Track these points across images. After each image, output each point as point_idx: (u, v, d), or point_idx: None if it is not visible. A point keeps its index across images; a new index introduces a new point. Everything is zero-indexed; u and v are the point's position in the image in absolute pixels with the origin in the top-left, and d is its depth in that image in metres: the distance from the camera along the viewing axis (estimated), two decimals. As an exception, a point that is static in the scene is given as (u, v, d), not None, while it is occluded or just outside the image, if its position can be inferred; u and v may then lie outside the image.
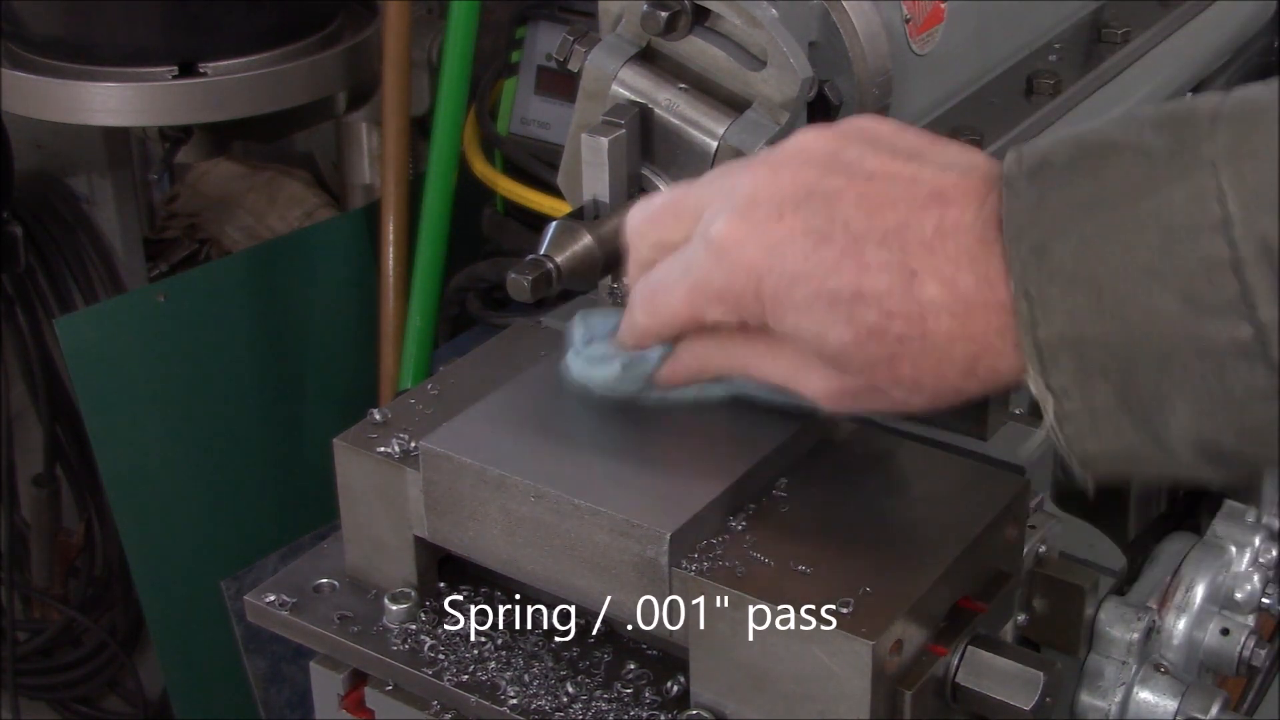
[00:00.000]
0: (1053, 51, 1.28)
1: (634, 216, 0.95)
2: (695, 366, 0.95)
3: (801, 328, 0.85)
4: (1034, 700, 0.93)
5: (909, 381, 0.85)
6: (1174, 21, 1.38)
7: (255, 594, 1.06)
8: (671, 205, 0.93)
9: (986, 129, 1.15)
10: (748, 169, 0.89)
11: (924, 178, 0.85)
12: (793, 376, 0.90)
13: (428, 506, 1.00)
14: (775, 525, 0.95)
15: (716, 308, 0.89)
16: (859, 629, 0.87)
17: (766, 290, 0.85)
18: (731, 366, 0.94)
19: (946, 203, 0.83)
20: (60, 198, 2.46)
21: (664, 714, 0.96)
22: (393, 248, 2.24)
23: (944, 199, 0.83)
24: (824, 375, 0.88)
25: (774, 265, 0.85)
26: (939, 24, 1.13)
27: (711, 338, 0.92)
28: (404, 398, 1.08)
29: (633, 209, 0.95)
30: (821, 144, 0.88)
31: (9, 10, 2.17)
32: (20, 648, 2.71)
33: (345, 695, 1.06)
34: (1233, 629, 1.20)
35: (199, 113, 2.20)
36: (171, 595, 2.37)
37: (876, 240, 0.83)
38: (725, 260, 0.87)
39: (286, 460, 2.44)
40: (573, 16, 2.10)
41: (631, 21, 1.04)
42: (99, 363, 2.23)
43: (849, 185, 0.85)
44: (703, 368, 0.95)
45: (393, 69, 2.19)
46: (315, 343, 2.47)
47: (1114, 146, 0.80)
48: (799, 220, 0.85)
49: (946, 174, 0.85)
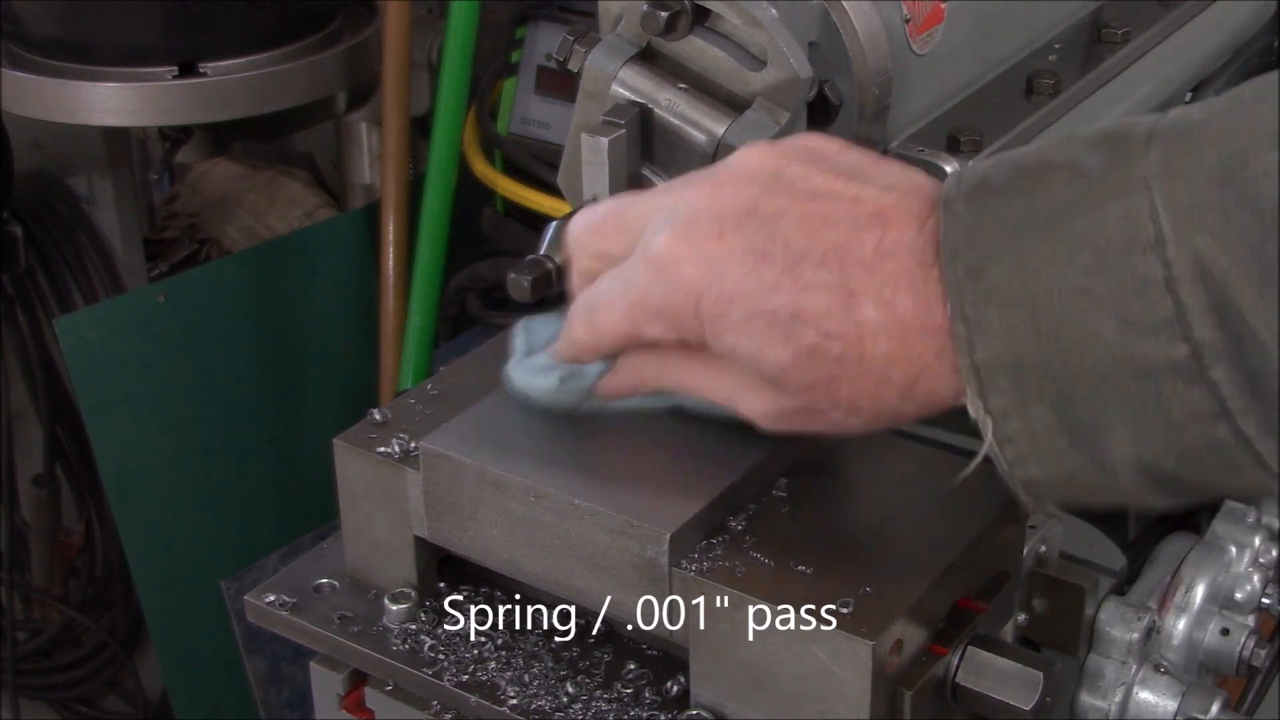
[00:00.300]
0: (1053, 51, 1.28)
1: (575, 226, 0.94)
2: (634, 381, 0.95)
3: (740, 347, 0.85)
4: (1034, 700, 0.93)
5: (846, 403, 0.84)
6: (1174, 21, 1.38)
7: (255, 594, 1.06)
8: (614, 216, 0.92)
9: (986, 129, 1.14)
10: (690, 185, 0.89)
11: (865, 197, 0.84)
12: (731, 395, 0.89)
13: (428, 506, 1.00)
14: (775, 525, 0.95)
15: (655, 325, 0.88)
16: (859, 629, 0.87)
17: (705, 308, 0.85)
18: (670, 383, 0.93)
19: (887, 223, 0.83)
20: (60, 198, 2.45)
21: (664, 714, 0.96)
22: (393, 248, 2.24)
23: (885, 219, 0.83)
24: (762, 395, 0.87)
25: (713, 283, 0.84)
26: (939, 24, 1.13)
27: (651, 354, 0.92)
28: (404, 398, 1.08)
29: (575, 218, 0.94)
30: (764, 162, 0.87)
31: (9, 10, 2.17)
32: (20, 648, 2.71)
33: (345, 695, 1.07)
34: (1233, 629, 1.20)
35: (199, 113, 2.20)
36: (171, 595, 2.37)
37: (816, 260, 0.83)
38: (664, 277, 0.86)
39: (286, 460, 2.44)
40: (573, 16, 2.09)
41: (631, 21, 1.04)
42: (99, 363, 2.23)
43: (790, 204, 0.85)
44: (641, 383, 0.94)
45: (393, 69, 2.19)
46: (315, 343, 2.47)
47: (1050, 166, 0.80)
48: (739, 238, 0.84)
49: (888, 194, 0.84)
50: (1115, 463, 0.79)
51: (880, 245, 0.82)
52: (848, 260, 0.82)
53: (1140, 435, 0.78)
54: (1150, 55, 1.34)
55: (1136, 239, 0.76)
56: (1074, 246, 0.77)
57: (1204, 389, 0.75)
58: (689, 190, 0.88)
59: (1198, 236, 0.74)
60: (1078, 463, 0.80)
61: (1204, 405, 0.76)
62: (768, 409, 0.88)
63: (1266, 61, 1.59)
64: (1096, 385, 0.77)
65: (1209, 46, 1.45)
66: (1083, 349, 0.77)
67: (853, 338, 0.82)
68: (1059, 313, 0.77)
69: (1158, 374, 0.76)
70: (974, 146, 1.13)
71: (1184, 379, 0.75)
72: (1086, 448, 0.79)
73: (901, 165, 0.89)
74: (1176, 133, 0.78)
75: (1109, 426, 0.78)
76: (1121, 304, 0.76)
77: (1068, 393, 0.78)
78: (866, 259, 0.82)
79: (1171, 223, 0.75)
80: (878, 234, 0.83)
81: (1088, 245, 0.77)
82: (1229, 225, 0.74)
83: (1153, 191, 0.76)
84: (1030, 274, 0.78)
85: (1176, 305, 0.75)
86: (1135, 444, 0.78)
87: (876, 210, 0.84)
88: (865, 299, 0.82)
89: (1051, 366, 0.78)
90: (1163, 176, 0.76)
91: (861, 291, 0.82)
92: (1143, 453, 0.78)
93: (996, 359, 0.79)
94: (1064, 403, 0.78)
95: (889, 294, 0.81)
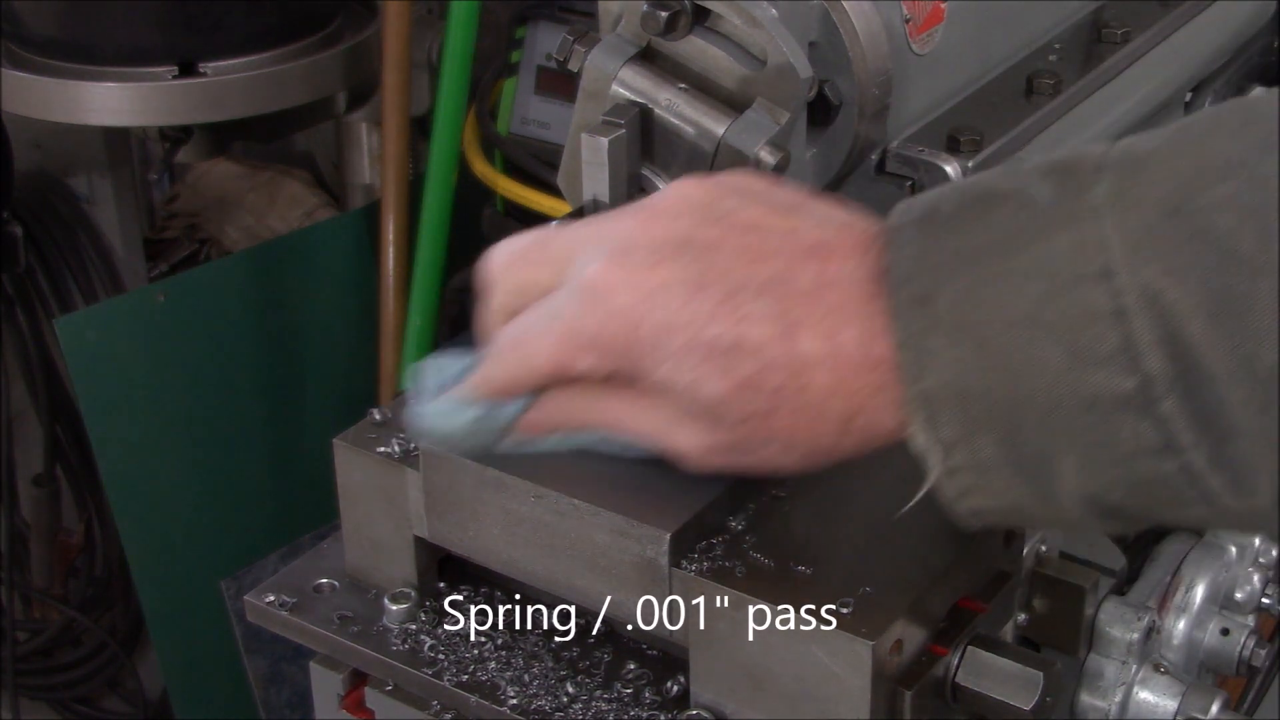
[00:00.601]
0: (1053, 51, 1.28)
1: (495, 258, 0.90)
2: (559, 419, 0.91)
3: (675, 378, 0.82)
4: (1034, 700, 0.93)
5: (783, 436, 0.83)
6: (1174, 21, 1.38)
7: (255, 594, 1.06)
8: (537, 247, 0.89)
9: (986, 129, 1.15)
10: (622, 216, 0.87)
11: (803, 229, 0.83)
12: (661, 431, 0.86)
13: (428, 506, 1.00)
14: (775, 525, 0.95)
15: (587, 356, 0.85)
16: (859, 629, 0.87)
17: (642, 338, 0.82)
18: (597, 420, 0.89)
19: (827, 254, 0.82)
20: (60, 198, 2.45)
21: (664, 714, 0.96)
22: (393, 248, 2.24)
23: (824, 251, 0.82)
24: (694, 430, 0.85)
25: (649, 312, 0.82)
26: (939, 24, 1.13)
27: (576, 389, 0.88)
28: (404, 398, 1.08)
29: (494, 251, 0.90)
30: (698, 194, 0.86)
31: (9, 10, 2.17)
32: (20, 648, 2.71)
33: (345, 695, 1.07)
34: (1233, 629, 1.20)
35: (199, 113, 2.20)
36: (171, 595, 2.37)
37: (755, 290, 0.81)
38: (599, 306, 0.83)
39: (286, 460, 2.44)
40: (573, 16, 2.09)
41: (631, 21, 1.04)
42: (99, 363, 2.23)
43: (727, 235, 0.83)
44: (567, 420, 0.90)
45: (393, 69, 2.19)
46: (315, 343, 2.47)
47: (999, 196, 0.79)
48: (676, 268, 0.82)
49: (826, 228, 0.83)
50: (1062, 494, 0.78)
51: (821, 276, 0.81)
52: (788, 291, 0.81)
53: (1087, 468, 0.76)
54: (1150, 55, 1.34)
55: (1086, 269, 0.74)
56: (1024, 275, 0.76)
57: (1152, 423, 0.74)
58: (621, 221, 0.86)
59: (1147, 267, 0.73)
60: (1024, 494, 0.78)
61: (1152, 439, 0.74)
62: (699, 444, 0.85)
63: (1266, 61, 1.59)
64: (1044, 418, 0.76)
65: (1209, 46, 1.46)
66: (1030, 381, 0.75)
67: (792, 369, 0.80)
68: (1007, 342, 0.76)
69: (1106, 406, 0.74)
70: (974, 146, 1.13)
71: (1132, 412, 0.74)
72: (1033, 479, 0.78)
73: (833, 202, 0.87)
74: (1127, 163, 0.77)
75: (1056, 458, 0.76)
76: (1070, 334, 0.74)
77: (1015, 423, 0.76)
78: (806, 290, 0.81)
79: (1121, 253, 0.74)
80: (818, 265, 0.81)
81: (1037, 274, 0.75)
82: (1179, 256, 0.73)
83: (1102, 221, 0.75)
84: (979, 302, 0.76)
85: (1126, 336, 0.73)
86: (1082, 476, 0.76)
87: (816, 242, 0.82)
88: (805, 330, 0.80)
89: (999, 396, 0.76)
90: (1113, 206, 0.75)
91: (802, 323, 0.80)
92: (1089, 485, 0.77)
93: (944, 388, 0.77)
94: (1012, 433, 0.77)
95: (830, 325, 0.80)
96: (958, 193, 0.81)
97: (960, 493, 0.80)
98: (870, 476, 1.01)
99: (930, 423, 0.78)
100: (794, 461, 0.85)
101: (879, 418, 0.81)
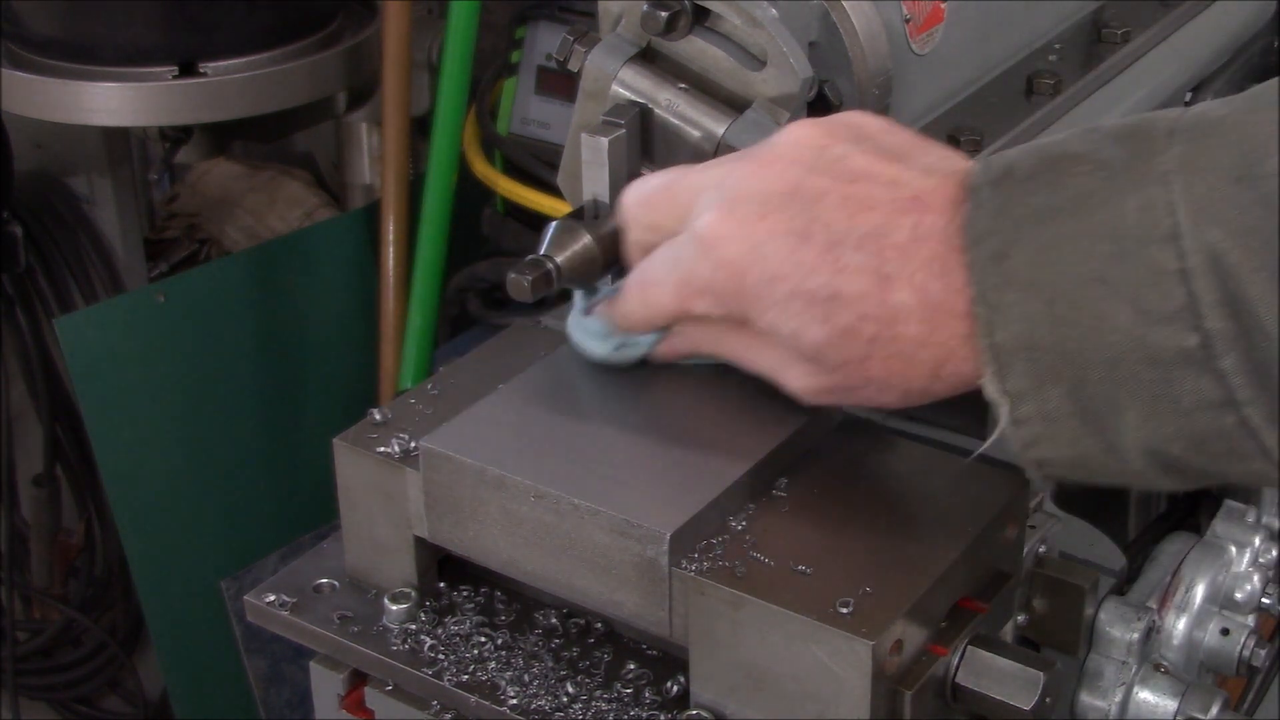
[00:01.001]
0: (1053, 51, 1.28)
1: (629, 198, 0.98)
2: (688, 349, 0.99)
3: (779, 325, 0.88)
4: (1034, 700, 0.93)
5: (878, 380, 0.88)
6: (1174, 21, 1.38)
7: (255, 594, 1.06)
8: (665, 190, 0.96)
9: (986, 129, 1.15)
10: (740, 161, 0.92)
11: (905, 180, 0.87)
12: (775, 369, 0.93)
13: (428, 506, 1.00)
14: (775, 525, 0.95)
15: (702, 301, 0.92)
16: (859, 629, 0.87)
17: (749, 286, 0.88)
18: (721, 353, 0.96)
19: (924, 208, 0.85)
20: (60, 198, 2.45)
21: (664, 714, 0.96)
22: (393, 248, 2.24)
23: (922, 204, 0.86)
24: (803, 370, 0.91)
25: (755, 263, 0.88)
26: (939, 24, 1.13)
27: (702, 325, 0.95)
28: (404, 398, 1.08)
29: (628, 190, 0.98)
30: (810, 140, 0.90)
31: (9, 10, 2.17)
32: (20, 648, 2.71)
33: (345, 695, 1.06)
34: (1233, 629, 1.20)
35: (199, 113, 2.20)
36: (171, 595, 2.37)
37: (854, 243, 0.86)
38: (710, 256, 0.90)
39: (286, 460, 2.44)
40: (573, 16, 2.10)
41: (631, 21, 1.04)
42: (99, 363, 2.23)
43: (832, 185, 0.87)
44: (695, 350, 0.98)
45: (393, 69, 2.19)
46: (315, 343, 2.47)
47: (1075, 157, 0.82)
48: (781, 219, 0.87)
49: (927, 178, 0.87)
50: (1125, 446, 0.81)
51: (916, 230, 0.85)
52: (884, 244, 0.85)
53: (1150, 421, 0.80)
54: (1150, 55, 1.35)
55: (1153, 230, 0.78)
56: (1094, 235, 0.79)
57: (1213, 378, 0.77)
58: (739, 166, 0.91)
59: (1212, 229, 0.76)
60: (1089, 445, 0.82)
61: (1212, 394, 0.78)
62: (808, 384, 0.91)
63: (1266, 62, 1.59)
64: (1109, 370, 0.79)
65: (1209, 46, 1.46)
66: (1097, 335, 0.79)
67: (885, 320, 0.85)
68: (1076, 299, 0.79)
69: (1169, 362, 0.78)
70: (974, 146, 1.13)
71: (1194, 368, 0.77)
72: (1098, 431, 0.81)
73: (945, 148, 0.91)
74: (1197, 129, 0.80)
75: (1120, 411, 0.80)
76: (1137, 292, 0.78)
77: (1081, 377, 0.80)
78: (902, 243, 0.85)
79: (1188, 215, 0.77)
80: (914, 218, 0.85)
81: (1107, 234, 0.79)
82: (1243, 219, 0.76)
83: (1171, 185, 0.78)
84: (1050, 260, 0.80)
85: (1189, 296, 0.77)
86: (1145, 429, 0.80)
87: (915, 194, 0.86)
88: (899, 283, 0.85)
89: (1066, 350, 0.80)
90: (1181, 171, 0.78)
91: (895, 275, 0.85)
92: (1152, 438, 0.80)
93: (1015, 341, 0.81)
94: (1078, 386, 0.80)
95: (921, 279, 0.84)
96: (1034, 153, 0.84)
97: (1028, 442, 0.84)
98: (870, 477, 1.01)
99: (1000, 374, 0.82)
100: (893, 400, 0.90)
101: (965, 366, 0.85)
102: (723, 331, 0.94)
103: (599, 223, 1.01)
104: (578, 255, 1.00)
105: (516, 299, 0.99)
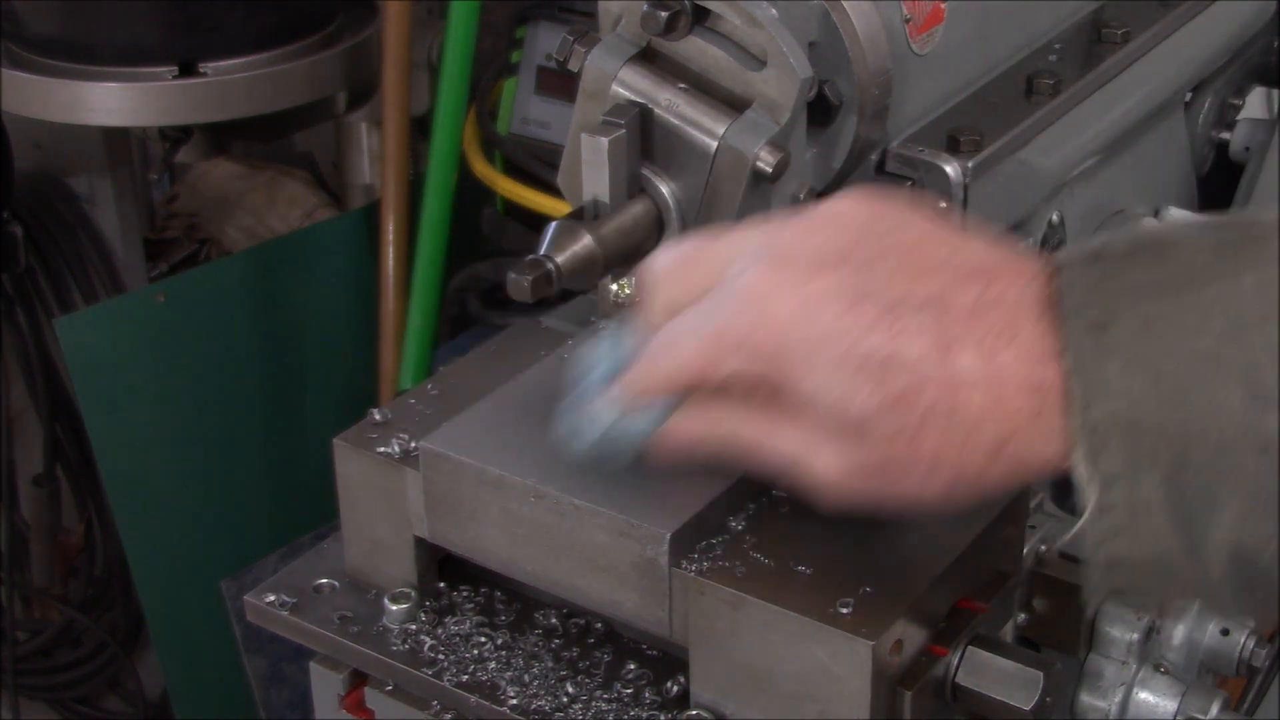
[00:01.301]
0: (1053, 51, 1.28)
1: (659, 261, 0.90)
2: (700, 431, 0.88)
3: (823, 391, 0.80)
4: (1034, 700, 0.93)
5: (929, 458, 0.80)
6: (1174, 21, 1.38)
7: (255, 594, 1.06)
8: (698, 252, 0.88)
9: (986, 129, 1.15)
10: (782, 226, 0.86)
11: (965, 252, 0.82)
12: (802, 453, 0.84)
13: (428, 506, 1.00)
14: (775, 525, 0.95)
15: (734, 359, 0.83)
16: (859, 629, 0.87)
17: (793, 347, 0.81)
18: (739, 433, 0.87)
19: (990, 278, 0.80)
20: (60, 198, 2.45)
21: (664, 714, 0.96)
22: (393, 248, 2.24)
23: (987, 274, 0.80)
24: (836, 450, 0.82)
25: (803, 322, 0.80)
26: (939, 24, 1.13)
27: (723, 399, 0.86)
28: (404, 398, 1.08)
29: (656, 254, 0.91)
30: (860, 211, 0.85)
31: (9, 10, 2.17)
32: (20, 648, 2.71)
33: (345, 695, 1.07)
34: (1233, 629, 1.20)
35: (199, 113, 2.20)
36: (171, 595, 2.37)
37: (915, 305, 0.79)
38: (753, 310, 0.82)
39: (286, 460, 2.44)
40: (573, 16, 2.09)
41: (631, 21, 1.04)
42: (99, 363, 2.23)
43: (888, 251, 0.82)
44: (710, 430, 0.88)
45: (393, 69, 2.19)
46: (315, 343, 2.47)
47: (1171, 241, 0.78)
48: (836, 278, 0.81)
49: (987, 254, 0.82)
50: (1210, 549, 0.76)
51: (983, 296, 0.79)
52: (948, 309, 0.79)
53: (1247, 519, 0.75)
54: (1150, 55, 1.34)
55: (1271, 309, 0.73)
56: (1206, 312, 0.75)
57: None
58: (782, 231, 0.85)
59: None
60: (1171, 544, 0.77)
61: None
62: (840, 465, 0.82)
63: (1266, 61, 1.59)
64: (1214, 456, 0.74)
65: (1209, 46, 1.45)
66: (1205, 417, 0.74)
67: (947, 387, 0.78)
68: (1184, 377, 0.74)
69: None
70: (974, 146, 1.13)
71: None
72: (1186, 529, 0.76)
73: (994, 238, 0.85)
74: None
75: (1215, 505, 0.75)
76: (1251, 375, 0.73)
77: (1182, 461, 0.75)
78: (968, 309, 0.79)
79: None
80: (980, 286, 0.80)
81: (1220, 311, 0.74)
82: None
83: None
84: (1156, 335, 0.75)
85: None
86: (1239, 528, 0.75)
87: (979, 264, 0.81)
88: (964, 348, 0.78)
89: (1170, 432, 0.75)
90: None
91: (961, 340, 0.78)
92: (1244, 539, 0.75)
93: (1113, 418, 0.75)
94: (1176, 473, 0.75)
95: (990, 345, 0.78)
96: (1125, 238, 0.79)
97: (1107, 534, 0.78)
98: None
99: (1094, 454, 0.76)
100: (937, 490, 0.81)
101: (1032, 445, 0.78)
102: (743, 409, 0.85)
103: (599, 223, 1.01)
104: (578, 255, 1.00)
105: (516, 299, 0.99)
